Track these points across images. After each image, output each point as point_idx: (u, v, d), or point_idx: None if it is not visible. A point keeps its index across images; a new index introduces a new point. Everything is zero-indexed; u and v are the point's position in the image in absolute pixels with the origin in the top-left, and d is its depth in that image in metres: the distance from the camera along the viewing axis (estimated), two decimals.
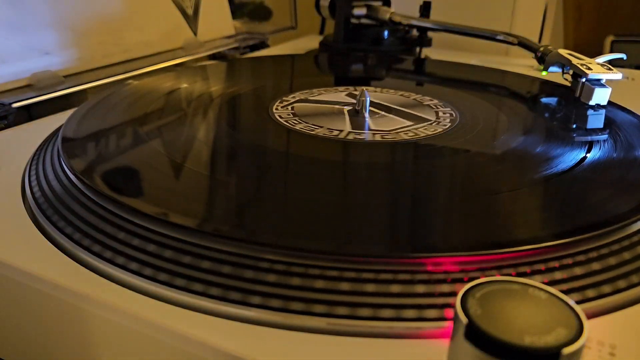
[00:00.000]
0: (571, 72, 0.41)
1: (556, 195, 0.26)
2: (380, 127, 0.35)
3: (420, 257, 0.20)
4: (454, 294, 0.19)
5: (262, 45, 0.69)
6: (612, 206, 0.24)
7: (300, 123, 0.35)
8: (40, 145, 0.33)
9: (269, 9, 0.78)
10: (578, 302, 0.19)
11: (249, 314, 0.19)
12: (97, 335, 0.21)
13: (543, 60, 0.46)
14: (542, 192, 0.26)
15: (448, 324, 0.18)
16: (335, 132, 0.33)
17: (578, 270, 0.20)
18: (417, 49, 0.63)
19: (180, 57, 0.55)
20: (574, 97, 0.40)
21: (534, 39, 0.65)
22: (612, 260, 0.21)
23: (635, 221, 0.23)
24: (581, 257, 0.21)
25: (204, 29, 0.62)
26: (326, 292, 0.19)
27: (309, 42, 0.69)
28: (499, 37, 0.53)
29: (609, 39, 0.93)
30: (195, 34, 0.61)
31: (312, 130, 0.34)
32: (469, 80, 0.49)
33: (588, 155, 0.30)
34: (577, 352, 0.13)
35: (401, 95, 0.42)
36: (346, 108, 0.38)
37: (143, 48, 0.54)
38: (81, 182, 0.25)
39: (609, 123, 0.36)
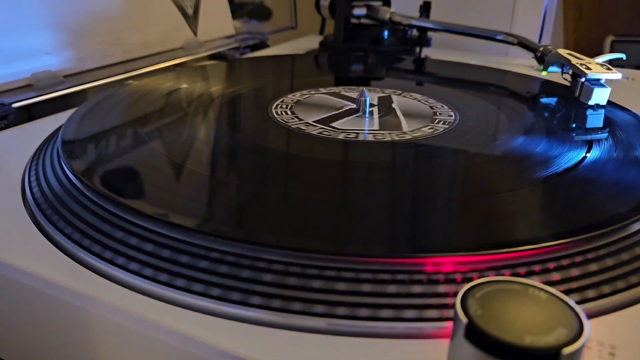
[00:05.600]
0: (571, 72, 0.41)
1: (556, 195, 0.26)
2: (380, 127, 0.35)
3: (420, 257, 0.20)
4: (454, 294, 0.19)
5: (262, 45, 0.69)
6: (611, 206, 0.24)
7: (300, 123, 0.35)
8: (40, 146, 0.33)
9: (268, 9, 0.78)
10: (578, 302, 0.19)
11: (249, 314, 0.19)
12: (97, 335, 0.21)
13: (543, 60, 0.46)
14: (542, 192, 0.26)
15: (448, 324, 0.18)
16: (335, 132, 0.33)
17: (578, 271, 0.20)
18: (417, 49, 0.63)
19: (180, 57, 0.55)
20: (573, 97, 0.40)
21: (534, 38, 0.65)
22: (611, 261, 0.21)
23: (635, 221, 0.23)
24: (581, 257, 0.21)
25: (204, 29, 0.62)
26: (326, 292, 0.19)
27: (309, 42, 0.69)
28: (498, 37, 0.53)
29: (609, 38, 0.93)
30: (195, 34, 0.61)
31: (312, 131, 0.34)
32: (469, 80, 0.49)
33: (588, 155, 0.30)
34: (577, 352, 0.13)
35: (401, 95, 0.42)
36: (346, 108, 0.38)
37: (143, 48, 0.54)
38: (81, 183, 0.25)
39: (609, 123, 0.36)
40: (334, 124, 0.35)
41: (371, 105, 0.38)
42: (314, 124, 0.35)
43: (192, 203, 0.25)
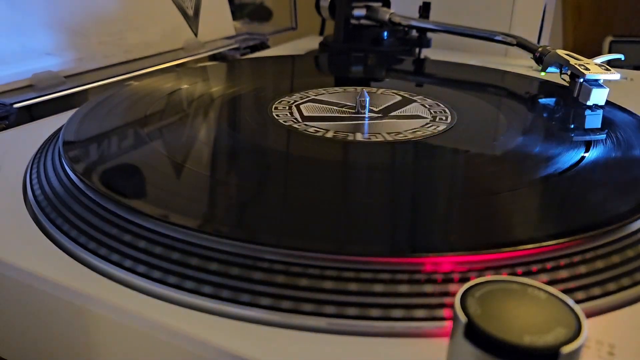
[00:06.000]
0: (569, 72, 0.42)
1: (555, 195, 0.26)
2: (380, 127, 0.35)
3: (420, 257, 0.20)
4: (453, 293, 0.19)
5: (263, 45, 0.69)
6: (610, 206, 0.24)
7: (300, 123, 0.35)
8: (41, 146, 0.33)
9: (269, 9, 0.78)
10: (577, 302, 0.19)
11: (250, 313, 0.19)
12: (98, 334, 0.21)
13: (541, 60, 0.47)
14: (541, 192, 0.26)
15: (447, 324, 0.18)
16: (335, 133, 0.33)
17: (577, 270, 0.20)
18: (417, 50, 0.63)
19: (181, 58, 0.55)
20: (572, 97, 0.40)
21: (533, 39, 0.65)
22: (610, 260, 0.21)
23: (634, 221, 0.23)
24: (580, 257, 0.21)
25: (205, 29, 0.62)
26: (326, 291, 0.19)
27: (309, 43, 0.69)
28: (497, 38, 0.53)
29: (608, 39, 0.94)
30: (195, 34, 0.61)
31: (312, 131, 0.34)
32: (468, 81, 0.49)
33: (586, 155, 0.30)
34: (576, 351, 0.14)
35: (400, 95, 0.42)
36: (346, 108, 0.38)
37: (144, 48, 0.54)
38: (82, 183, 0.26)
39: (607, 123, 0.36)
40: (333, 124, 0.35)
41: (370, 105, 0.38)
42: (313, 124, 0.35)
43: (192, 203, 0.25)
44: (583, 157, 0.29)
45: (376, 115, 0.37)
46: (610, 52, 0.89)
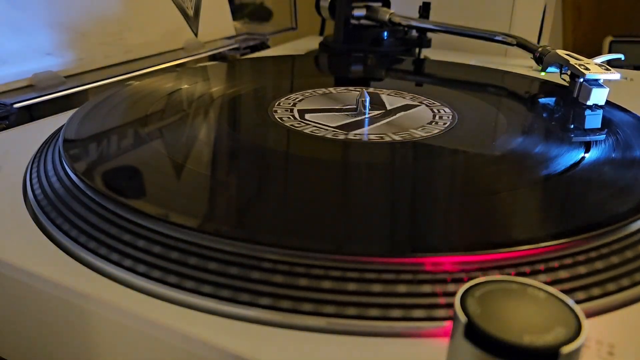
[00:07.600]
0: (569, 72, 0.42)
1: (555, 195, 0.26)
2: (380, 127, 0.35)
3: (420, 257, 0.20)
4: (453, 293, 0.19)
5: (263, 45, 0.69)
6: (610, 206, 0.24)
7: (300, 123, 0.35)
8: (41, 146, 0.33)
9: (269, 9, 0.78)
10: (577, 302, 0.19)
11: (250, 313, 0.19)
12: (98, 334, 0.21)
13: (541, 60, 0.47)
14: (541, 192, 0.26)
15: (447, 323, 0.18)
16: (335, 133, 0.33)
17: (576, 270, 0.20)
18: (417, 50, 0.63)
19: (181, 58, 0.55)
20: (572, 97, 0.40)
21: (533, 39, 0.65)
22: (610, 260, 0.21)
23: (634, 221, 0.23)
24: (580, 257, 0.21)
25: (205, 29, 0.62)
26: (326, 291, 0.19)
27: (309, 43, 0.70)
28: (497, 38, 0.53)
29: (608, 39, 0.94)
30: (195, 34, 0.61)
31: (312, 131, 0.34)
32: (468, 81, 0.49)
33: (586, 155, 0.30)
34: (576, 351, 0.14)
35: (400, 96, 0.42)
36: (346, 108, 0.39)
37: (144, 49, 0.54)
38: (82, 183, 0.26)
39: (607, 123, 0.36)
40: (333, 124, 0.35)
41: (370, 105, 0.38)
42: (314, 124, 0.35)
43: (192, 203, 0.25)
44: (583, 157, 0.29)
45: (376, 115, 0.37)
46: (610, 52, 0.89)
